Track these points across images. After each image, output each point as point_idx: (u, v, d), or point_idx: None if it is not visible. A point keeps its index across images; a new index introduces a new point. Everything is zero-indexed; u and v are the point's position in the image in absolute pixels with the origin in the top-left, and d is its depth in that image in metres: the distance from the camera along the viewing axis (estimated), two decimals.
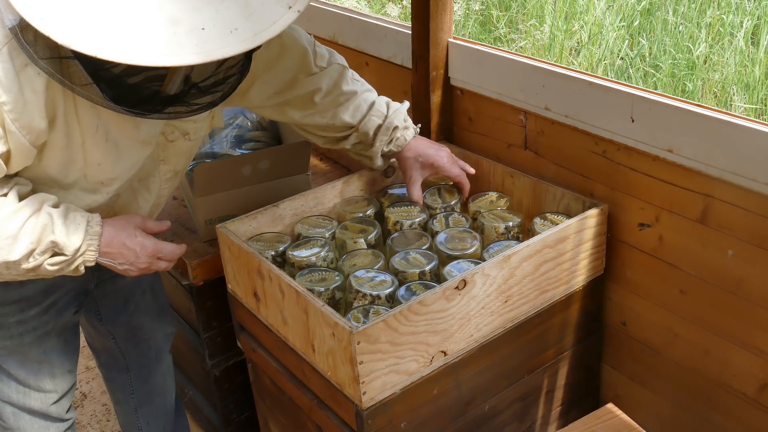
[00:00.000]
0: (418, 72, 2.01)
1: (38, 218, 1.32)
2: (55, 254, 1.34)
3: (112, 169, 1.40)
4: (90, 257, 1.38)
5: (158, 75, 1.22)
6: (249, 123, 2.29)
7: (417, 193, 1.81)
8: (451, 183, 1.90)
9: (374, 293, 1.55)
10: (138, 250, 1.43)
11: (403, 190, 1.93)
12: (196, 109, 1.26)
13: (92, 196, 1.43)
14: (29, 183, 1.36)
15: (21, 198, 1.33)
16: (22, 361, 1.59)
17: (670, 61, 4.30)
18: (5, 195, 1.31)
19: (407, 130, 1.77)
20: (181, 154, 1.53)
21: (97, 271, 1.64)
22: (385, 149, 1.78)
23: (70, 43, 1.04)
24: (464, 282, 1.46)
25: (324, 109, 1.70)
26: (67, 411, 1.73)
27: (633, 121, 1.59)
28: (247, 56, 1.26)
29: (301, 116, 1.71)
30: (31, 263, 1.33)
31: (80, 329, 1.77)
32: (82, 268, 1.39)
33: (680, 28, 4.52)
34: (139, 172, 1.48)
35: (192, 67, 1.21)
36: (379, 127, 1.74)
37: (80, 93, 1.20)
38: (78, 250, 1.35)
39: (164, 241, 1.51)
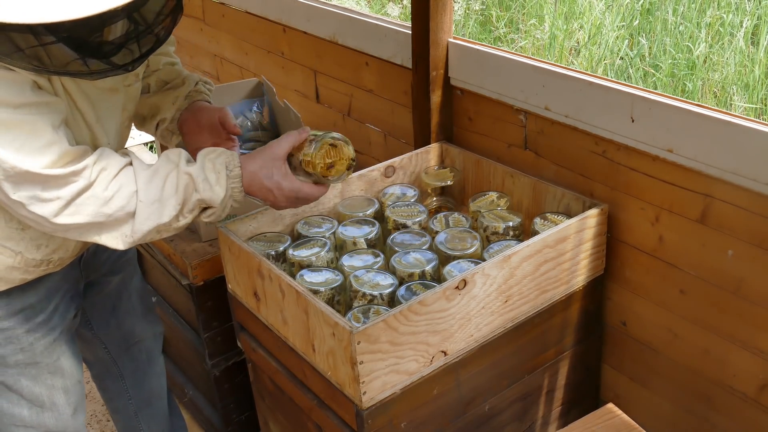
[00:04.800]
0: (418, 72, 2.01)
1: (178, 178, 1.32)
2: (204, 209, 1.36)
3: (95, 124, 1.39)
4: (238, 196, 1.38)
5: (113, 35, 1.20)
6: (249, 123, 2.29)
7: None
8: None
9: (374, 293, 1.55)
10: (275, 192, 1.40)
11: (403, 190, 1.93)
12: (149, 51, 1.25)
13: None
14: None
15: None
16: (35, 377, 1.56)
17: (669, 61, 4.31)
18: (130, 164, 1.32)
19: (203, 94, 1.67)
20: (134, 97, 1.51)
21: (84, 270, 1.65)
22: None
23: (19, 18, 1.01)
24: (464, 282, 1.46)
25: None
26: (84, 426, 1.70)
27: (633, 121, 1.59)
28: None
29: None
30: (182, 222, 1.34)
31: None
32: (235, 204, 1.39)
33: (680, 27, 4.52)
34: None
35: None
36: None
37: (17, 64, 1.15)
38: (224, 199, 1.35)
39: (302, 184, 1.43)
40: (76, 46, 1.16)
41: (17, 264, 1.42)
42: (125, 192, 1.29)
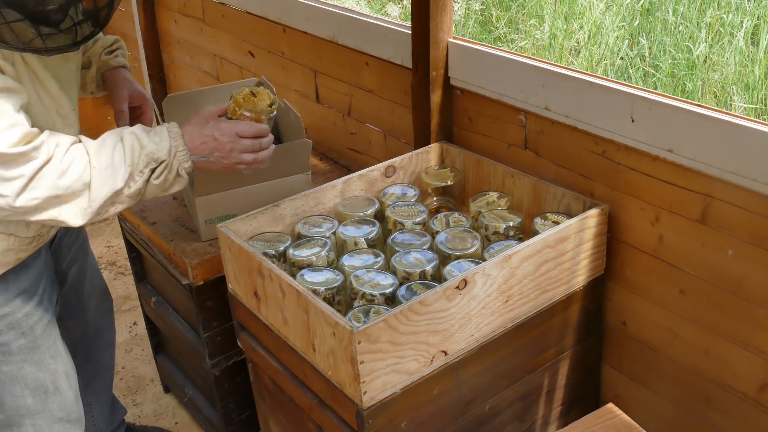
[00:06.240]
0: (418, 72, 2.01)
1: (124, 143, 1.41)
2: (154, 168, 1.43)
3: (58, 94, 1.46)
4: (183, 157, 1.46)
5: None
6: None
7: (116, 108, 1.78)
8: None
9: (374, 293, 1.55)
10: (216, 135, 1.50)
11: (404, 190, 1.93)
12: (99, 27, 1.36)
13: None
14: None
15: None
16: (38, 363, 1.60)
17: (670, 61, 4.31)
18: (79, 141, 1.40)
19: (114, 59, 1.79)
20: (78, 65, 1.59)
21: (54, 255, 1.70)
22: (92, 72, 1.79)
23: None
24: (465, 282, 1.47)
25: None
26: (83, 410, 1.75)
27: (633, 121, 1.59)
28: None
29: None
30: (133, 187, 1.41)
31: None
32: (184, 174, 1.48)
33: (680, 28, 4.52)
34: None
35: None
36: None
37: None
38: (170, 151, 1.44)
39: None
40: (38, 24, 1.25)
41: (11, 245, 1.48)
42: (79, 162, 1.36)
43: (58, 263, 1.75)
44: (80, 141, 1.41)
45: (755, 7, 4.49)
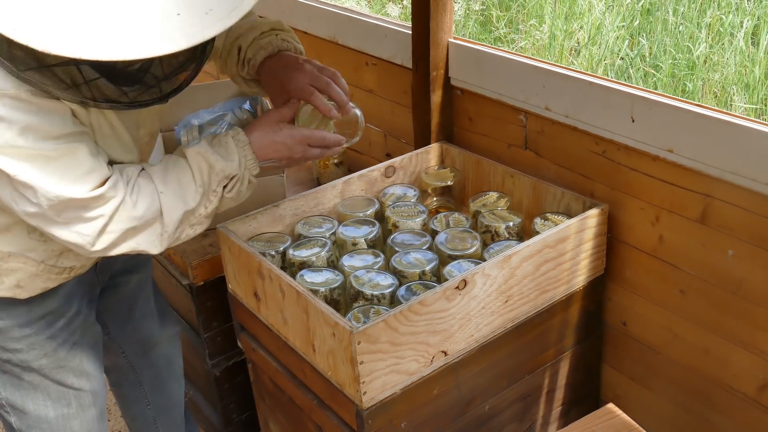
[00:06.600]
0: (418, 72, 2.01)
1: (190, 163, 1.36)
2: (226, 184, 1.38)
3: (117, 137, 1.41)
4: (252, 166, 1.40)
5: (141, 68, 1.23)
6: (238, 121, 2.28)
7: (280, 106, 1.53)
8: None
9: (374, 293, 1.55)
10: (288, 143, 1.43)
11: (404, 190, 1.93)
12: (185, 83, 1.28)
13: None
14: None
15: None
16: (61, 381, 1.57)
17: (670, 61, 4.31)
18: (142, 169, 1.36)
19: (260, 51, 1.57)
20: (154, 113, 1.51)
21: (100, 274, 1.64)
22: (240, 72, 1.61)
23: (51, 48, 1.02)
24: (464, 282, 1.46)
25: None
26: None
27: (633, 121, 1.59)
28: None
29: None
30: (210, 207, 1.37)
31: None
32: (254, 180, 1.43)
33: (680, 28, 4.52)
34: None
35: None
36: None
37: (67, 98, 1.18)
38: (240, 164, 1.38)
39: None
40: (118, 81, 1.20)
41: (40, 271, 1.43)
42: (147, 191, 1.33)
43: (107, 275, 1.69)
44: (143, 169, 1.37)
45: (755, 7, 4.49)
